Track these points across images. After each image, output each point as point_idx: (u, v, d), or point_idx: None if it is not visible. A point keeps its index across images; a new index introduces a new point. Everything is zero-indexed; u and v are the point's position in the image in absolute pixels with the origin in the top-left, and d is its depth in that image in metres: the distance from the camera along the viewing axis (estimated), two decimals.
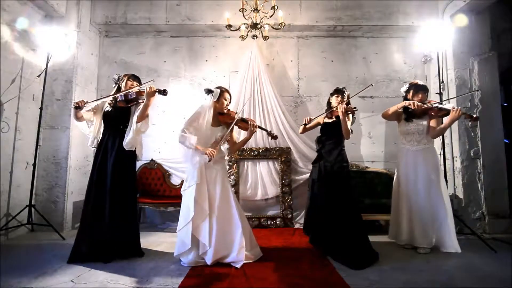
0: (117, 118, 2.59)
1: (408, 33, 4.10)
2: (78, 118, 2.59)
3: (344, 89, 2.80)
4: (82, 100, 2.50)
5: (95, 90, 4.15)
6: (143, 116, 2.50)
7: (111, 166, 2.52)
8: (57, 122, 3.62)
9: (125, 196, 2.56)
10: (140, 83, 2.71)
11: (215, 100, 2.57)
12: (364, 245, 2.53)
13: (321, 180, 2.75)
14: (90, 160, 4.02)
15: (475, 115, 2.61)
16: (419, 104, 2.73)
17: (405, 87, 2.96)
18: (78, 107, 2.48)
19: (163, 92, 2.43)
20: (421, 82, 2.91)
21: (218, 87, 2.63)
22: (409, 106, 2.78)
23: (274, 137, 2.60)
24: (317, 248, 2.77)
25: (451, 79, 3.71)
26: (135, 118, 2.51)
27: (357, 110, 2.73)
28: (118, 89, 2.67)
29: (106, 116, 2.62)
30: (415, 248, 2.77)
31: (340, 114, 2.61)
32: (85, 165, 3.93)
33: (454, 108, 2.61)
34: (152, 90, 2.41)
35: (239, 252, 2.37)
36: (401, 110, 2.89)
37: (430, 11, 3.90)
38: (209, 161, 2.40)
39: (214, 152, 2.40)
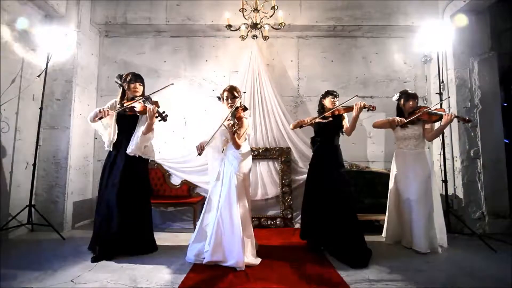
0: (129, 123, 2.67)
1: (408, 33, 4.10)
2: (94, 121, 2.64)
3: (336, 92, 2.94)
4: (107, 112, 2.55)
5: (95, 90, 4.16)
6: (148, 131, 2.61)
7: (122, 167, 2.60)
8: (57, 122, 3.62)
9: (137, 195, 2.65)
10: (142, 82, 2.76)
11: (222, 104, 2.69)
12: (362, 244, 2.54)
13: (317, 180, 2.76)
14: (90, 160, 4.03)
15: (467, 117, 2.78)
16: (402, 120, 2.85)
17: (396, 96, 3.10)
18: (102, 118, 2.55)
19: (163, 118, 2.51)
20: (410, 91, 3.05)
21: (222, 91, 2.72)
22: (395, 123, 2.88)
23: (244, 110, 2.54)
24: (314, 247, 2.79)
25: (451, 79, 3.71)
26: (141, 129, 2.60)
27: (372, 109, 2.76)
28: (123, 92, 2.73)
29: (119, 120, 2.70)
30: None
31: (356, 109, 2.67)
32: (85, 165, 3.93)
33: (446, 112, 2.78)
34: (154, 112, 2.49)
35: (238, 261, 2.31)
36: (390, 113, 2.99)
37: (430, 11, 3.90)
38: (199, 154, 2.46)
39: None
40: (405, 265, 2.44)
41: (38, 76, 3.40)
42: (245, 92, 3.46)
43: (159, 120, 2.53)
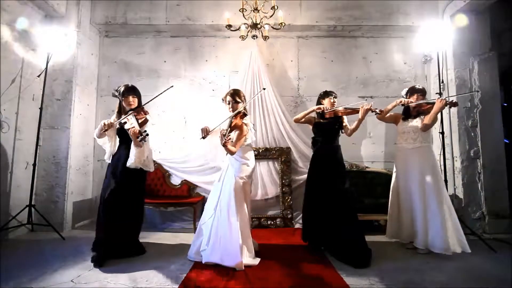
0: (127, 134, 2.63)
1: (408, 33, 4.10)
2: (100, 135, 2.68)
3: (334, 93, 2.94)
4: (111, 123, 2.59)
5: (95, 90, 4.15)
6: (137, 145, 2.55)
7: (119, 177, 2.59)
8: (57, 122, 3.62)
9: (133, 204, 2.66)
10: (136, 94, 2.72)
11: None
12: (363, 244, 2.53)
13: (318, 181, 2.76)
14: (90, 160, 4.03)
15: (454, 101, 2.78)
16: (409, 100, 2.88)
17: (405, 90, 3.06)
18: (107, 130, 2.58)
19: (142, 138, 2.43)
20: (419, 86, 3.02)
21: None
22: (401, 104, 2.89)
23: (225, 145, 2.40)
24: (315, 248, 2.79)
25: (451, 79, 3.71)
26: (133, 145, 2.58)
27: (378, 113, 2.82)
28: (120, 104, 2.74)
29: (119, 132, 2.71)
30: (415, 248, 2.77)
31: (362, 111, 2.67)
32: (85, 165, 3.93)
33: (439, 98, 2.77)
34: (135, 134, 2.45)
35: (236, 263, 2.30)
36: (398, 111, 2.95)
37: (430, 11, 3.90)
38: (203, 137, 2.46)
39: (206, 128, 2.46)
40: (405, 265, 2.44)
41: (38, 76, 3.40)
42: (264, 89, 3.43)
43: (140, 140, 2.46)
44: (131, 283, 2.11)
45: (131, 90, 2.71)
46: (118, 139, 2.73)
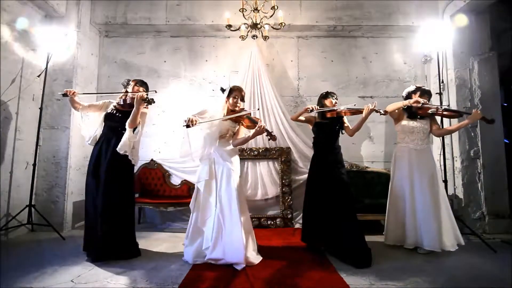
0: (117, 121, 2.61)
1: (408, 33, 4.10)
2: (75, 107, 2.66)
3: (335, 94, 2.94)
4: (71, 90, 2.59)
5: (95, 90, 4.15)
6: (134, 122, 2.52)
7: (105, 167, 2.54)
8: (57, 122, 3.62)
9: (119, 196, 2.55)
10: (147, 89, 2.72)
11: (226, 97, 2.62)
12: (364, 244, 2.52)
13: (318, 181, 2.76)
14: None
15: (491, 118, 2.70)
16: (425, 101, 2.83)
17: (411, 88, 3.00)
18: (65, 95, 2.58)
19: (149, 101, 2.47)
20: (425, 87, 3.02)
21: (232, 87, 2.65)
22: (414, 105, 2.82)
23: (273, 138, 2.39)
24: (315, 249, 2.78)
25: (451, 79, 3.71)
26: (127, 124, 2.55)
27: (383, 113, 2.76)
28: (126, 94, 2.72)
29: (107, 117, 2.66)
30: (415, 248, 2.77)
31: (366, 111, 2.64)
32: (85, 165, 3.87)
33: (476, 110, 2.72)
34: (138, 98, 2.45)
35: (239, 257, 2.31)
36: (403, 108, 2.91)
37: (430, 11, 3.90)
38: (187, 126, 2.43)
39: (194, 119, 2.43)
40: (406, 265, 2.44)
41: (38, 76, 3.40)
42: (258, 109, 3.60)
43: (146, 105, 2.47)
44: (131, 283, 2.11)
45: (144, 84, 2.73)
46: (103, 124, 2.66)
